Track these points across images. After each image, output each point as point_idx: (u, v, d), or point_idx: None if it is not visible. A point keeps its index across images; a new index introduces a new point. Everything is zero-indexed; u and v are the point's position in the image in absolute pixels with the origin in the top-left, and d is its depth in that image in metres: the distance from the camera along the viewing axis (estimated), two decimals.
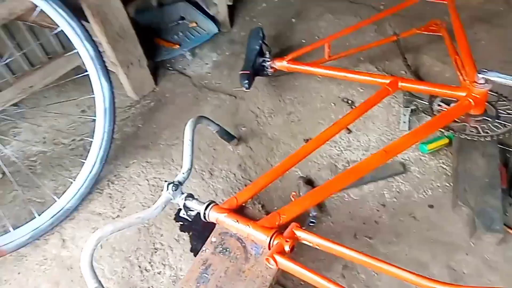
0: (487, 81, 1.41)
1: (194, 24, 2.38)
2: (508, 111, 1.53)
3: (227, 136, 1.72)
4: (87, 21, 1.66)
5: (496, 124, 1.50)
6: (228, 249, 1.25)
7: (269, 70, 1.95)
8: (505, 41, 2.28)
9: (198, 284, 1.18)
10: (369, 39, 2.29)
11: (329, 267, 1.43)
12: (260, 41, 1.93)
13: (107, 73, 1.54)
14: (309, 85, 2.08)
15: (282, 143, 1.84)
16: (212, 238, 1.29)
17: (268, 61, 1.91)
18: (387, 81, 1.62)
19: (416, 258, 1.44)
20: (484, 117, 1.52)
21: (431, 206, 1.58)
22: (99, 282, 1.15)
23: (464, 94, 1.48)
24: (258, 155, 1.79)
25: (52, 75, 1.76)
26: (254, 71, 1.88)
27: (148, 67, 2.01)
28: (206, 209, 1.25)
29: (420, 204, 1.59)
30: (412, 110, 1.75)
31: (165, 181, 1.30)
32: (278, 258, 1.10)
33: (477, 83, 1.43)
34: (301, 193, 1.59)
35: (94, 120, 1.58)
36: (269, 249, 1.16)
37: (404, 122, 1.79)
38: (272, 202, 1.62)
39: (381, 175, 1.66)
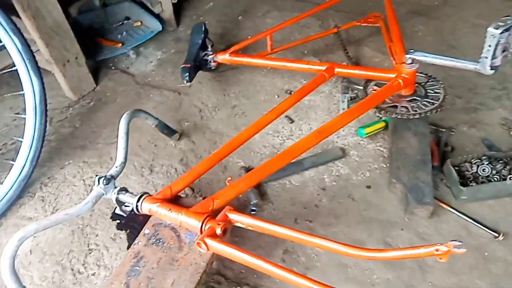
0: (413, 60, 1.47)
1: (139, 23, 2.37)
2: (436, 91, 1.60)
3: (168, 131, 1.70)
4: (18, 16, 1.61)
5: (425, 102, 1.56)
6: (161, 240, 1.23)
7: (212, 64, 1.96)
8: (440, 32, 2.39)
9: (129, 278, 1.16)
10: (314, 33, 2.34)
11: (270, 253, 1.44)
12: (202, 36, 1.94)
13: (37, 68, 1.50)
14: (254, 79, 2.10)
15: (225, 136, 1.84)
16: (146, 230, 1.27)
17: (210, 55, 1.92)
18: (324, 68, 1.66)
19: (354, 237, 1.47)
20: (414, 97, 1.58)
21: (368, 187, 1.62)
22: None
23: (394, 75, 1.54)
24: (201, 148, 1.78)
25: None
26: (196, 65, 1.88)
27: (89, 66, 1.98)
28: (138, 201, 1.23)
29: (358, 186, 1.62)
30: (350, 97, 1.79)
31: (96, 175, 1.27)
32: (209, 241, 1.09)
33: (405, 63, 1.49)
34: None
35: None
36: (201, 234, 1.15)
37: (343, 108, 1.83)
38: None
39: (321, 161, 1.69)
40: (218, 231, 1.11)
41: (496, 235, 1.44)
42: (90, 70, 2.00)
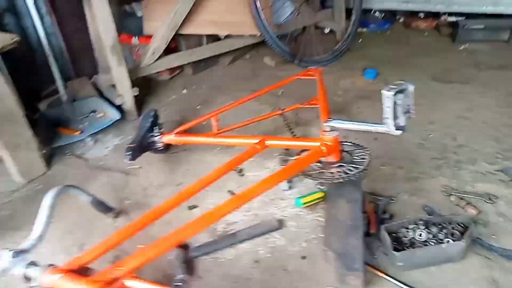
0: (332, 128, 1.55)
1: (102, 114, 2.54)
2: (362, 157, 1.65)
3: (103, 208, 1.71)
4: None
5: (350, 167, 1.59)
6: None
7: (159, 145, 2.05)
8: (378, 111, 2.52)
9: None
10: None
11: None
12: (151, 120, 2.06)
13: None
14: (203, 159, 2.17)
15: (169, 214, 1.83)
16: None
17: (157, 136, 2.02)
18: (257, 140, 1.74)
19: None
20: (341, 163, 1.62)
21: (303, 258, 1.56)
22: None
23: (318, 143, 1.60)
24: None
25: None
26: (141, 145, 1.97)
27: (44, 153, 2.07)
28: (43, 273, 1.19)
29: (294, 257, 1.56)
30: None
31: (7, 249, 1.24)
32: None
33: (325, 131, 1.56)
34: (171, 256, 1.54)
35: None
36: None
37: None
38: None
39: (257, 232, 1.66)
40: None
41: None
42: (45, 156, 2.09)
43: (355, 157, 1.66)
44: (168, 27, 2.67)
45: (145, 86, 2.98)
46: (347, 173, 1.57)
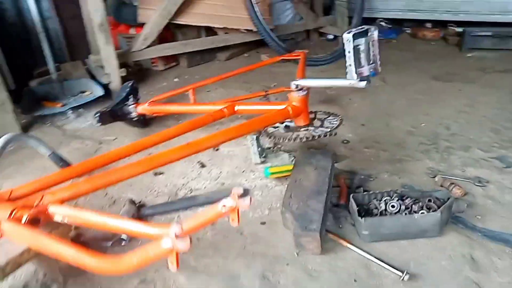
0: (298, 87, 1.46)
1: (89, 93, 2.53)
2: (331, 122, 1.54)
3: (62, 162, 1.64)
4: None
5: (317, 131, 1.48)
6: None
7: (133, 115, 1.99)
8: (373, 103, 2.43)
9: None
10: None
11: (125, 281, 1.21)
12: (127, 90, 2.02)
13: None
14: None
15: None
16: None
17: (131, 105, 1.98)
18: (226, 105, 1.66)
19: (229, 269, 1.23)
20: (309, 128, 1.52)
21: (263, 223, 1.43)
22: None
23: (285, 106, 1.51)
24: None
25: None
26: (112, 111, 1.92)
27: (23, 120, 2.06)
28: None
29: (252, 222, 1.44)
30: (257, 137, 1.73)
31: None
32: (4, 224, 0.94)
33: (292, 91, 1.48)
34: (121, 211, 1.45)
35: None
36: None
37: (254, 153, 1.76)
38: None
39: (218, 197, 1.54)
40: (24, 218, 0.97)
41: (400, 274, 1.18)
42: (24, 123, 2.09)
43: (325, 123, 1.55)
44: (161, 15, 2.70)
45: (139, 74, 2.99)
46: (313, 136, 1.45)
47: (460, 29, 3.56)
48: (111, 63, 2.44)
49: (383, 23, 3.92)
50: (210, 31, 3.15)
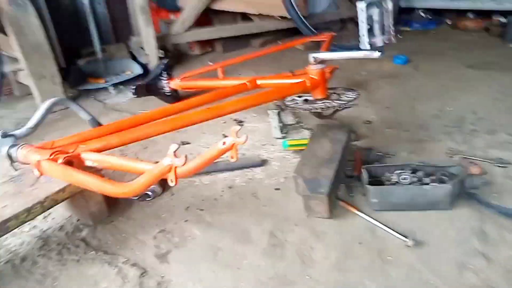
0: (317, 61, 1.52)
1: (129, 72, 2.72)
2: (349, 96, 1.58)
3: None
4: (4, 34, 1.99)
5: (334, 104, 1.54)
6: (21, 178, 1.25)
7: (166, 89, 2.14)
8: (400, 88, 2.42)
9: None
10: None
11: (146, 230, 1.34)
12: (162, 67, 2.17)
13: None
14: None
15: (161, 145, 1.88)
16: (17, 172, 1.30)
17: (165, 80, 2.12)
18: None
19: (241, 225, 1.32)
20: (325, 101, 1.57)
21: (277, 189, 1.51)
22: None
23: (303, 79, 1.58)
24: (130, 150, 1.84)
25: None
26: (148, 86, 2.07)
27: (70, 94, 2.27)
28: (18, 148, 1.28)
29: (267, 188, 1.52)
30: (278, 113, 1.81)
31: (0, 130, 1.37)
32: (44, 163, 1.09)
33: (311, 64, 1.54)
34: None
35: None
36: None
37: (275, 127, 1.84)
38: None
39: (238, 165, 1.64)
40: (59, 160, 1.11)
41: (405, 239, 1.22)
42: (71, 96, 2.29)
43: (343, 97, 1.60)
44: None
45: (177, 57, 3.15)
46: (329, 107, 1.51)
47: (504, 20, 3.41)
48: (150, 44, 2.61)
49: (422, 14, 3.83)
50: (246, 18, 3.25)
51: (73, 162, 1.14)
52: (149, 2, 2.59)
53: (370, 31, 1.27)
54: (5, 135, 1.33)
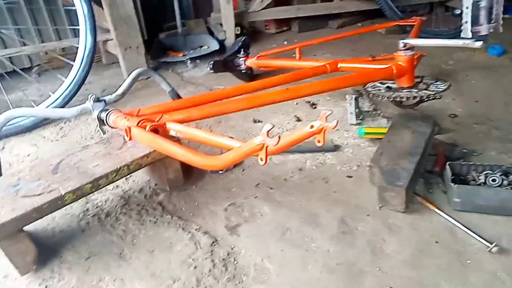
0: (406, 46, 1.43)
1: (207, 47, 2.79)
2: (438, 87, 1.47)
3: (178, 98, 1.87)
4: (100, 5, 2.12)
5: (421, 93, 1.44)
6: (110, 141, 1.34)
7: (242, 67, 2.16)
8: (493, 82, 2.21)
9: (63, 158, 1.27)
10: None
11: (218, 203, 1.38)
12: (239, 44, 2.19)
13: (94, 30, 1.91)
14: None
15: (234, 121, 1.92)
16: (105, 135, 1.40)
17: (241, 58, 2.14)
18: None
19: (310, 208, 1.31)
20: (411, 89, 1.48)
21: (349, 177, 1.47)
22: None
23: (390, 64, 1.49)
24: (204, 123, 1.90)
25: None
26: (224, 62, 2.11)
27: (151, 65, 2.38)
28: (105, 112, 1.38)
29: (339, 174, 1.49)
30: (356, 98, 1.74)
31: (93, 95, 1.48)
32: (134, 130, 1.16)
33: (400, 50, 1.45)
34: None
35: None
36: None
37: (351, 113, 1.78)
38: None
39: (309, 148, 1.62)
40: (147, 128, 1.17)
41: (489, 245, 1.13)
42: (151, 67, 2.40)
43: (431, 87, 1.49)
44: None
45: (253, 35, 3.15)
46: (415, 96, 1.42)
47: None
48: (228, 21, 2.63)
49: None
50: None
51: (158, 130, 1.20)
52: None
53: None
54: (97, 100, 1.43)
